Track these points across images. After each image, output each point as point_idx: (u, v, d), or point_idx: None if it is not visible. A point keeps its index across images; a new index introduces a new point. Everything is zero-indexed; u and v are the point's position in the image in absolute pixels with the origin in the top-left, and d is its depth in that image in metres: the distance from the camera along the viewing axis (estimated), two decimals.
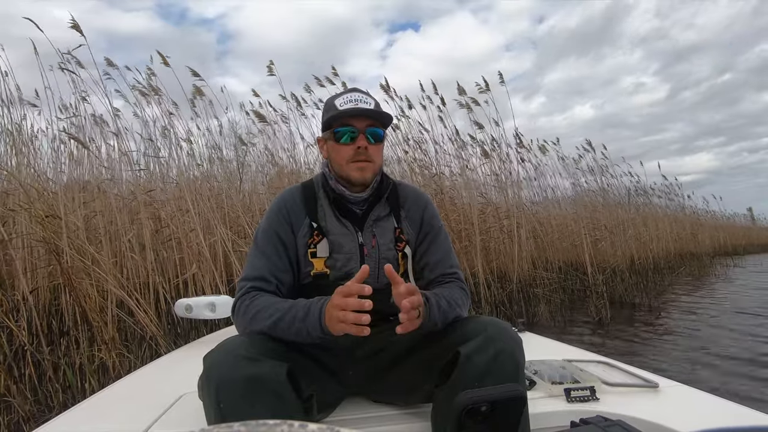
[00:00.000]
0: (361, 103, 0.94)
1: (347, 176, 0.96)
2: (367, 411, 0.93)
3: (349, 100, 0.95)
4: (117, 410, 0.99)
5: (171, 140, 3.69)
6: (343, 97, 0.96)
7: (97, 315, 2.38)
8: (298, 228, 0.97)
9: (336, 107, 0.95)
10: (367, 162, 0.95)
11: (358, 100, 0.95)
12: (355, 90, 0.99)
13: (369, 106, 0.95)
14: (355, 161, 0.94)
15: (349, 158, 0.94)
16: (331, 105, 0.97)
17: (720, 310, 5.14)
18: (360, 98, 0.95)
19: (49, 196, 2.68)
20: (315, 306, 0.81)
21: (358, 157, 0.94)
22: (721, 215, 18.20)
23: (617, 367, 1.10)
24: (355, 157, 0.94)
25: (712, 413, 0.86)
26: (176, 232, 3.22)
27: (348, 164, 0.95)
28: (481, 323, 0.84)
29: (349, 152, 0.94)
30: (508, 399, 0.70)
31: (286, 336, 0.82)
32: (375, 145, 0.96)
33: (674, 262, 8.84)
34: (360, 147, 0.93)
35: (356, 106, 0.94)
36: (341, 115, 0.94)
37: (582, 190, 6.98)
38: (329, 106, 0.98)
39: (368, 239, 0.97)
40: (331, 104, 0.97)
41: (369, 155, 0.94)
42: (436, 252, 1.00)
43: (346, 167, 0.95)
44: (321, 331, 0.79)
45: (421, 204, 1.04)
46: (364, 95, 0.97)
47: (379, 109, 0.96)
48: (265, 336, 0.82)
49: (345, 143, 0.95)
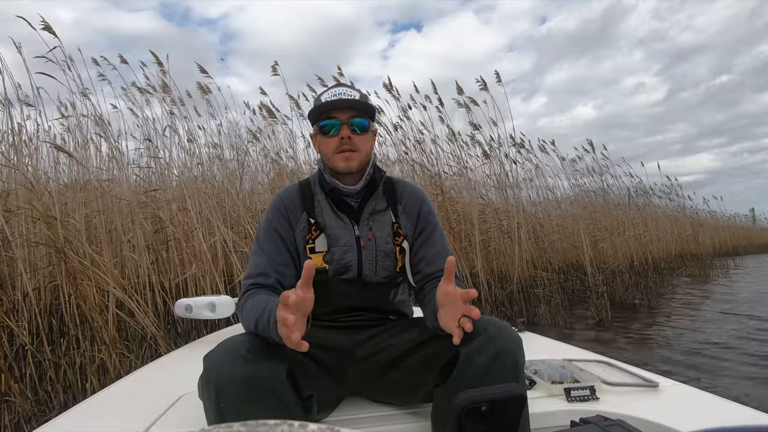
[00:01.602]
0: (344, 96, 0.97)
1: (334, 166, 0.98)
2: (367, 411, 0.93)
3: (333, 95, 0.98)
4: (117, 410, 0.99)
5: (172, 140, 3.69)
6: (329, 92, 0.99)
7: (97, 315, 2.38)
8: (295, 224, 0.99)
9: (321, 101, 0.99)
10: (351, 151, 0.96)
11: (342, 94, 0.98)
12: (339, 84, 1.02)
13: (352, 98, 0.97)
14: (341, 151, 0.96)
15: (334, 149, 0.97)
16: (317, 100, 1.01)
17: (720, 310, 5.14)
18: (343, 91, 0.98)
19: (45, 195, 2.68)
20: (273, 314, 0.74)
21: (342, 146, 0.96)
22: (722, 215, 18.20)
23: (617, 367, 1.10)
24: (340, 147, 0.96)
25: (712, 413, 0.86)
26: (176, 232, 3.22)
27: (334, 155, 0.97)
28: (480, 323, 0.84)
29: (335, 143, 0.97)
30: (508, 399, 0.70)
31: (268, 339, 0.77)
32: (361, 135, 0.98)
33: (674, 262, 8.84)
34: (344, 137, 0.96)
35: (339, 99, 0.96)
36: (324, 108, 0.97)
37: (582, 190, 6.98)
38: (316, 102, 1.01)
39: (365, 232, 0.98)
40: (317, 100, 1.01)
41: (354, 144, 0.96)
42: (433, 247, 1.01)
43: (333, 158, 0.97)
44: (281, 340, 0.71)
45: (418, 199, 1.05)
46: (347, 88, 1.00)
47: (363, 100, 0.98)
48: None
49: (330, 135, 0.97)
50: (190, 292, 3.07)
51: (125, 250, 2.95)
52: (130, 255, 2.94)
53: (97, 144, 3.46)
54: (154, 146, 3.61)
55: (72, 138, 3.35)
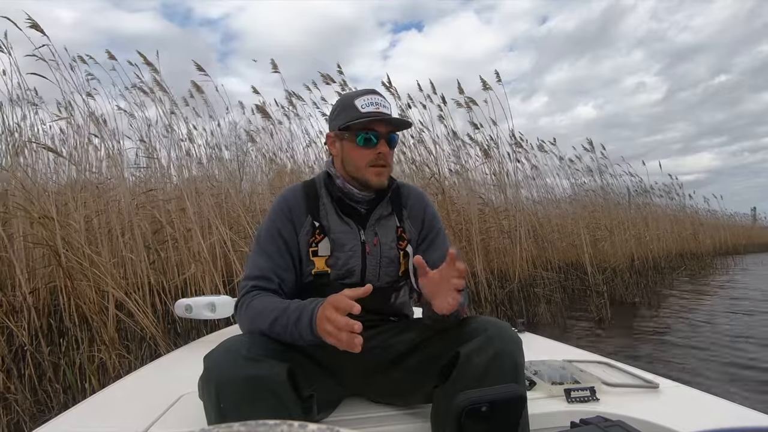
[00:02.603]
0: (381, 107, 0.95)
1: (365, 180, 0.95)
2: (367, 411, 0.93)
3: (370, 103, 0.94)
4: (117, 410, 0.99)
5: (171, 139, 3.68)
6: (364, 98, 0.95)
7: (96, 315, 2.38)
8: (300, 226, 0.97)
9: (357, 108, 0.94)
10: (383, 167, 0.95)
11: (379, 104, 0.95)
12: (373, 92, 0.97)
13: (388, 110, 0.96)
14: (375, 166, 0.94)
15: (369, 162, 0.94)
16: (350, 105, 0.95)
17: (720, 310, 5.14)
18: (380, 102, 0.95)
19: (43, 196, 2.67)
20: (306, 310, 0.79)
21: (378, 162, 0.94)
22: (722, 214, 18.18)
23: (617, 368, 1.10)
24: (374, 162, 0.94)
25: (712, 413, 0.86)
26: (175, 232, 3.21)
27: (367, 168, 0.95)
28: (480, 323, 0.84)
29: (370, 156, 0.94)
30: (508, 399, 0.70)
31: (283, 338, 0.81)
32: (391, 150, 0.97)
33: (675, 261, 8.84)
34: (381, 152, 0.94)
35: (378, 110, 0.93)
36: (366, 120, 0.93)
37: (581, 189, 6.98)
38: (347, 105, 0.96)
39: (370, 238, 0.98)
40: (350, 104, 0.95)
41: (386, 160, 0.95)
42: (436, 252, 1.00)
43: (365, 170, 0.95)
44: (312, 336, 0.78)
45: (423, 204, 1.04)
46: (383, 98, 0.97)
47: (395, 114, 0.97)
48: (265, 336, 0.82)
49: (366, 147, 0.94)
50: (189, 292, 3.07)
51: (125, 251, 2.95)
52: (129, 255, 2.93)
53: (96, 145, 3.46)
54: (152, 146, 3.61)
55: (72, 138, 3.35)
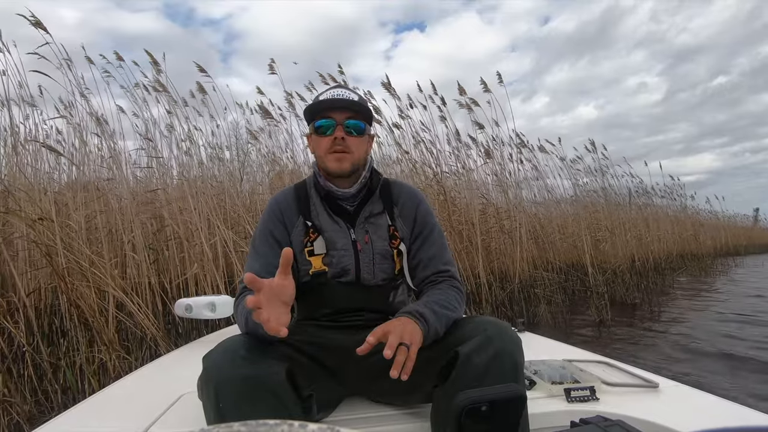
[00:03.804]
0: (342, 96, 0.96)
1: (326, 167, 0.97)
2: (367, 411, 0.92)
3: (331, 95, 0.97)
4: (117, 410, 0.99)
5: (171, 139, 3.69)
6: (327, 92, 0.98)
7: (95, 316, 2.38)
8: (291, 227, 0.98)
9: (317, 100, 0.98)
10: (344, 153, 0.95)
11: (339, 94, 0.97)
12: (339, 86, 1.01)
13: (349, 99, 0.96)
14: (333, 152, 0.95)
15: (327, 149, 0.96)
16: (315, 100, 1.00)
17: (721, 311, 5.13)
18: (341, 92, 0.97)
19: (42, 198, 2.67)
20: None
21: (335, 147, 0.95)
22: (723, 215, 18.18)
23: (617, 367, 1.09)
24: (332, 148, 0.95)
25: (712, 413, 0.85)
26: (177, 232, 3.22)
27: (326, 155, 0.96)
28: (480, 323, 0.84)
29: (328, 143, 0.96)
30: (508, 399, 0.70)
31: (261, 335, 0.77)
32: (356, 137, 0.97)
33: (675, 262, 8.83)
34: (337, 137, 0.95)
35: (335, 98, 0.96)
36: (320, 107, 0.96)
37: (582, 190, 6.97)
38: (313, 101, 1.00)
39: (361, 235, 0.98)
40: (315, 99, 1.00)
41: (346, 146, 0.95)
42: (429, 249, 1.00)
43: (325, 158, 0.97)
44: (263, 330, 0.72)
45: (414, 201, 1.04)
46: (346, 90, 0.99)
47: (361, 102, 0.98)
48: None
49: (324, 135, 0.96)
50: (190, 291, 3.07)
51: (126, 248, 2.95)
52: (131, 255, 2.94)
53: (98, 144, 3.46)
54: (153, 146, 3.61)
55: (74, 137, 3.35)
